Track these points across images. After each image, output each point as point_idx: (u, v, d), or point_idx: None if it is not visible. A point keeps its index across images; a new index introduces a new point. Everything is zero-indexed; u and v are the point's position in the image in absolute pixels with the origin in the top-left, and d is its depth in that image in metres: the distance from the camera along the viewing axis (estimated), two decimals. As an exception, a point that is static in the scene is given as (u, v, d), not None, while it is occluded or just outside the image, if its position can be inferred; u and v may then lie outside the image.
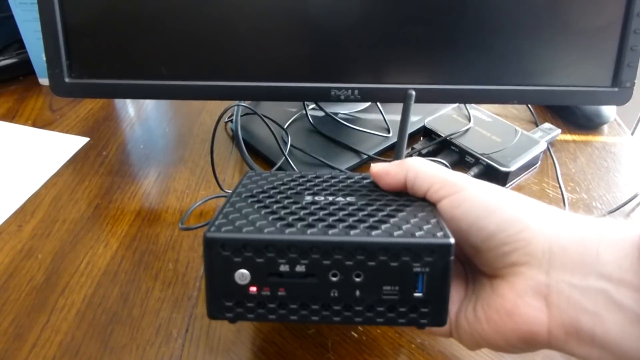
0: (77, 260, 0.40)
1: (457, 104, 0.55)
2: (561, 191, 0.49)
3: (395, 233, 0.25)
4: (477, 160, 0.49)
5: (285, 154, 0.50)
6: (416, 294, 0.25)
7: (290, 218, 0.26)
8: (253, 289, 0.25)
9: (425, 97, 0.45)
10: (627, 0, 0.42)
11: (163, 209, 0.46)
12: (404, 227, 0.25)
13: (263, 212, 0.27)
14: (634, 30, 0.43)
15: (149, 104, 0.62)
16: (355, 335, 0.35)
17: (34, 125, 0.57)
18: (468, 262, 0.30)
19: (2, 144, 0.54)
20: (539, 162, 0.52)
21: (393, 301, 0.25)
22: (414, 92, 0.36)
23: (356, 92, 0.45)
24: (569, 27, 0.43)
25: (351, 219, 0.26)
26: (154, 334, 0.35)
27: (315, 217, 0.26)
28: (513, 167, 0.47)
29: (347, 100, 0.45)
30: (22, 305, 0.37)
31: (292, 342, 0.34)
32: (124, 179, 0.49)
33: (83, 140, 0.55)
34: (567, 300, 0.24)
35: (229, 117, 0.58)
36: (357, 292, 0.25)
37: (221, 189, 0.46)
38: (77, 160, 0.52)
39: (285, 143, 0.52)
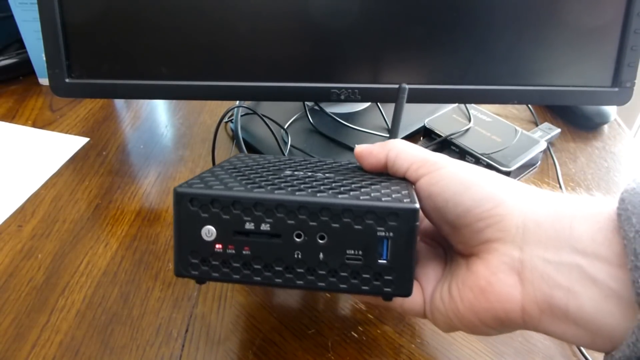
0: (77, 260, 0.40)
1: (457, 104, 0.56)
2: (561, 191, 0.49)
3: (362, 197, 0.25)
4: (478, 160, 0.49)
5: (285, 154, 0.50)
6: (380, 261, 0.25)
7: (263, 183, 0.26)
8: (219, 246, 0.25)
9: (425, 97, 0.45)
10: (627, 0, 0.42)
11: (163, 209, 0.46)
12: (372, 194, 0.25)
13: (239, 178, 0.27)
14: (634, 30, 0.43)
15: (149, 104, 0.62)
16: (355, 335, 0.35)
17: (34, 125, 0.57)
18: (448, 244, 0.30)
19: (2, 144, 0.54)
20: (539, 162, 0.52)
21: (357, 266, 0.25)
22: (407, 86, 0.36)
23: (356, 92, 0.45)
24: (569, 27, 0.43)
25: (322, 187, 0.26)
26: (154, 334, 0.35)
27: (288, 184, 0.27)
28: (513, 167, 0.47)
29: (347, 100, 0.45)
30: (22, 305, 0.37)
31: (292, 342, 0.34)
32: (124, 179, 0.49)
33: (83, 140, 0.55)
34: (541, 276, 0.23)
35: (229, 117, 0.58)
36: (321, 255, 0.25)
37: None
38: (77, 160, 0.52)
39: (285, 143, 0.52)
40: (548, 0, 0.42)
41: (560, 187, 0.49)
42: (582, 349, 0.34)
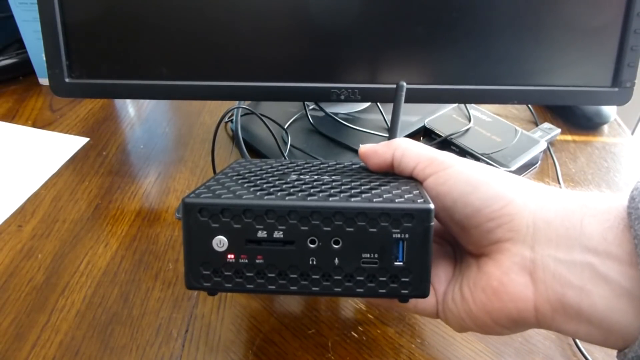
0: (77, 260, 0.40)
1: (457, 104, 0.55)
2: (561, 191, 0.49)
3: (375, 200, 0.24)
4: (477, 160, 0.49)
5: (285, 154, 0.50)
6: (396, 263, 0.24)
7: (272, 189, 0.26)
8: (231, 256, 0.24)
9: (425, 97, 0.45)
10: (627, 0, 0.42)
11: (163, 209, 0.46)
12: (384, 195, 0.25)
13: (246, 185, 0.27)
14: (634, 30, 0.43)
15: (149, 104, 0.62)
16: (355, 335, 0.35)
17: (34, 125, 0.57)
18: (456, 243, 0.30)
19: (2, 144, 0.54)
20: (539, 162, 0.52)
21: (373, 270, 0.24)
22: (405, 84, 0.36)
23: (356, 92, 0.45)
24: (569, 27, 0.43)
25: (332, 190, 0.26)
26: (154, 334, 0.35)
27: (297, 189, 0.26)
28: (513, 167, 0.47)
29: (347, 100, 0.45)
30: (22, 305, 0.37)
31: (292, 342, 0.34)
32: (124, 179, 0.49)
33: (83, 140, 0.55)
34: (553, 275, 0.23)
35: (229, 117, 0.58)
36: (336, 260, 0.24)
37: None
38: (77, 160, 0.52)
39: (285, 143, 0.52)
40: (548, 0, 0.42)
41: (560, 187, 0.49)
42: (582, 349, 0.34)
